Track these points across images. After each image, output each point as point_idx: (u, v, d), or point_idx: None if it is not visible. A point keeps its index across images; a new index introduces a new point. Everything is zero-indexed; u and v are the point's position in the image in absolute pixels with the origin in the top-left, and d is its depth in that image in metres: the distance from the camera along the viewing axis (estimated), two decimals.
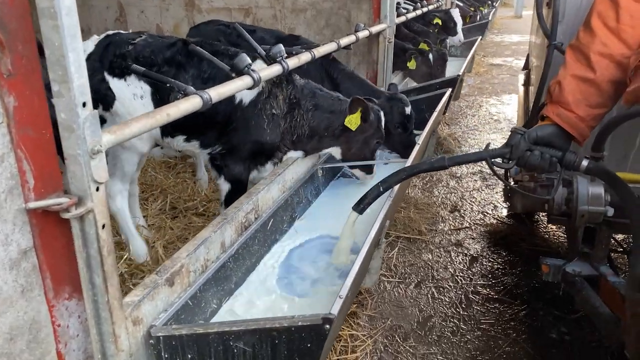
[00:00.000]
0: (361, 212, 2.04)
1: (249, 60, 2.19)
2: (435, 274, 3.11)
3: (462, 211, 3.95)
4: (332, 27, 4.78)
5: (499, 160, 1.93)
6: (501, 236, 3.56)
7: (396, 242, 3.43)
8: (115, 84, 2.53)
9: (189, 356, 1.58)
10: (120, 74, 2.51)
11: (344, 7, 4.66)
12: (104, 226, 1.34)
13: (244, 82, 2.13)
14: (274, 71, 2.39)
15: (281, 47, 2.46)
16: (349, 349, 2.43)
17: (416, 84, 5.08)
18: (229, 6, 5.17)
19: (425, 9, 6.29)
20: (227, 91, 2.00)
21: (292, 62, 2.57)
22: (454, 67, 5.70)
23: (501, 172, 2.09)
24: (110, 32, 2.65)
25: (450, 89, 4.00)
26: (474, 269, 3.16)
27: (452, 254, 3.34)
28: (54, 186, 1.29)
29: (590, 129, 1.87)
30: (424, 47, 5.20)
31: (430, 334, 2.59)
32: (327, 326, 1.40)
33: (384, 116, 2.94)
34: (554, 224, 3.51)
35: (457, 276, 3.09)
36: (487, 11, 11.84)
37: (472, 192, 4.30)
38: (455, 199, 4.17)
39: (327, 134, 2.76)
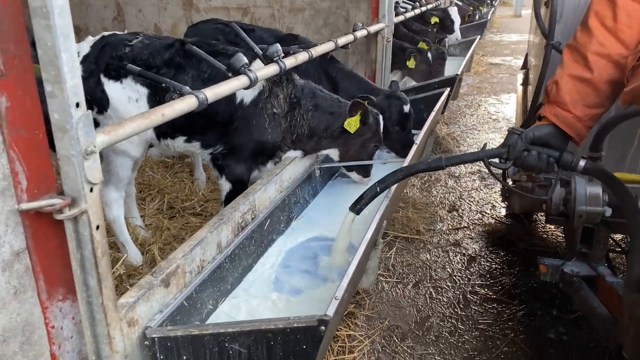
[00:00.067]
0: (358, 213, 2.04)
1: (245, 60, 2.17)
2: (433, 274, 3.10)
3: (461, 211, 3.94)
4: (331, 27, 4.77)
5: (496, 160, 1.92)
6: (499, 236, 3.55)
7: (394, 242, 3.42)
8: (110, 86, 2.50)
9: (185, 357, 1.57)
10: (116, 76, 2.49)
11: (342, 7, 4.65)
12: (98, 227, 1.33)
13: (240, 82, 2.12)
14: (270, 71, 2.38)
15: (278, 46, 2.45)
16: (347, 349, 2.43)
17: (415, 83, 5.07)
18: (227, 5, 5.16)
19: (423, 8, 6.27)
20: (223, 91, 1.99)
21: (289, 62, 2.56)
22: (452, 67, 5.69)
23: (499, 172, 2.08)
24: (105, 33, 2.63)
25: (448, 89, 3.99)
26: (472, 269, 3.16)
27: (450, 254, 3.33)
28: (47, 187, 1.28)
29: (587, 129, 1.87)
30: (423, 46, 5.19)
31: (428, 334, 2.58)
32: (323, 328, 1.39)
33: (381, 114, 2.94)
34: (552, 224, 3.51)
35: (455, 276, 3.08)
36: (486, 10, 11.83)
37: (470, 192, 4.29)
38: (453, 198, 4.16)
39: (326, 135, 2.75)
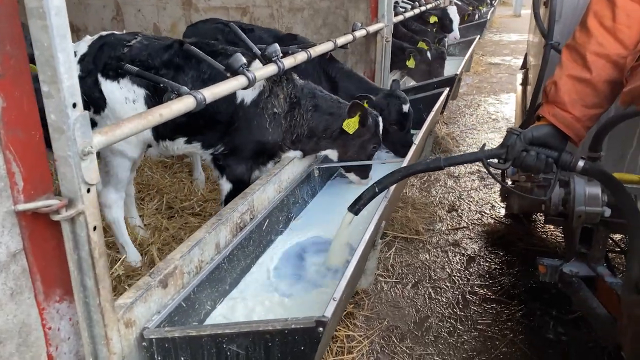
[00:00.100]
0: (356, 213, 2.03)
1: (243, 60, 2.17)
2: (432, 274, 3.10)
3: (460, 211, 3.94)
4: (330, 27, 4.76)
5: (495, 160, 1.92)
6: (498, 236, 3.54)
7: (393, 242, 3.42)
8: (108, 86, 2.49)
9: (182, 358, 1.57)
10: (114, 77, 2.48)
11: (341, 6, 4.65)
12: (95, 228, 1.33)
13: (238, 82, 2.11)
14: (269, 71, 2.38)
15: (277, 46, 2.44)
16: (345, 349, 2.42)
17: (414, 83, 5.07)
18: (226, 5, 5.16)
19: (423, 8, 6.27)
20: (222, 91, 1.99)
21: (288, 62, 2.56)
22: (452, 66, 5.68)
23: (498, 172, 2.08)
24: (103, 32, 2.62)
25: (447, 89, 3.98)
26: (471, 269, 3.15)
27: (450, 254, 3.33)
28: (43, 188, 1.27)
29: (586, 129, 1.86)
30: (422, 46, 5.18)
31: (427, 334, 2.58)
32: (321, 329, 1.39)
33: (380, 113, 2.93)
34: (551, 225, 3.50)
35: (454, 276, 3.08)
36: (485, 10, 11.83)
37: (469, 192, 4.29)
38: (452, 198, 4.16)
39: (325, 135, 2.75)
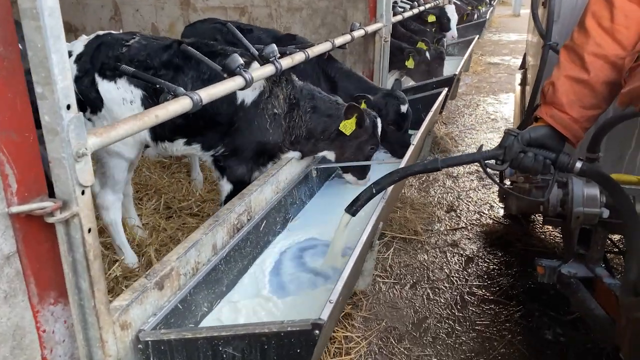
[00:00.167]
0: (354, 214, 2.03)
1: (240, 60, 2.16)
2: (430, 275, 3.09)
3: (459, 211, 3.93)
4: (328, 26, 4.76)
5: (493, 161, 1.91)
6: (497, 236, 3.54)
7: (392, 243, 3.41)
8: (105, 86, 2.48)
9: None
10: (111, 77, 2.47)
11: (339, 6, 4.64)
12: (90, 230, 1.32)
13: (235, 82, 2.10)
14: (266, 72, 2.37)
15: (274, 47, 2.43)
16: (343, 350, 2.41)
17: (413, 83, 5.06)
18: (224, 5, 5.15)
19: (421, 8, 6.26)
20: (218, 92, 1.98)
21: (286, 62, 2.55)
22: (451, 66, 5.68)
23: (496, 173, 2.07)
24: (100, 32, 2.61)
25: (446, 89, 3.98)
26: (469, 270, 3.15)
27: (448, 255, 3.32)
28: (37, 190, 1.26)
29: (584, 130, 1.86)
30: (421, 46, 5.18)
31: (425, 335, 2.57)
32: (317, 332, 1.38)
33: (378, 113, 2.93)
34: (550, 226, 3.50)
35: (453, 277, 3.07)
36: (484, 9, 11.83)
37: (468, 192, 4.28)
38: (451, 198, 4.15)
39: (323, 137, 2.75)
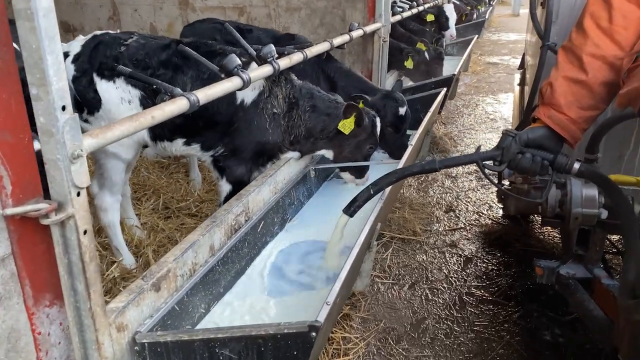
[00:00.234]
0: (351, 215, 2.02)
1: (238, 60, 2.15)
2: (429, 275, 3.09)
3: (457, 211, 3.93)
4: (327, 26, 4.75)
5: (491, 162, 1.90)
6: (496, 237, 3.53)
7: (390, 243, 3.40)
8: (103, 86, 2.47)
9: None
10: (110, 76, 2.46)
11: (338, 6, 4.63)
12: (85, 232, 1.32)
13: (232, 83, 2.10)
14: (264, 72, 2.36)
15: (272, 47, 2.42)
16: (342, 351, 2.41)
17: (412, 83, 5.06)
18: (223, 5, 5.14)
19: (420, 8, 6.26)
20: (215, 92, 1.97)
21: (284, 63, 2.54)
22: (450, 66, 5.68)
23: (495, 174, 2.07)
24: (97, 32, 2.61)
25: (445, 89, 3.98)
26: (468, 270, 3.14)
27: (447, 255, 3.31)
28: (32, 191, 1.26)
29: (582, 131, 1.85)
30: (421, 46, 5.18)
31: (423, 336, 2.57)
32: (314, 334, 1.38)
33: (376, 113, 2.92)
34: (548, 226, 3.49)
35: (451, 277, 3.07)
36: (484, 9, 11.82)
37: (467, 192, 4.27)
38: (450, 199, 4.15)
39: (321, 136, 2.74)
